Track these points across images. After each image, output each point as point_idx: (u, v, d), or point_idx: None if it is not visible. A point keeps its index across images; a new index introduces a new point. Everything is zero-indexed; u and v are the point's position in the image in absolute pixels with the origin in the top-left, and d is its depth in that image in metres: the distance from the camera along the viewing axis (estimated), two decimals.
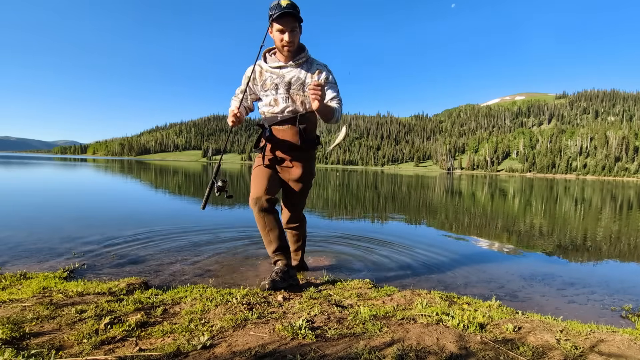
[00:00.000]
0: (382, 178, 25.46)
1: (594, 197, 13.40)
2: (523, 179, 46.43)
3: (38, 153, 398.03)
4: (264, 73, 2.12)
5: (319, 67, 2.06)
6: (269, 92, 2.11)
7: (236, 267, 2.62)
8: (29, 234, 3.39)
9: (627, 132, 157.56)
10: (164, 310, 1.52)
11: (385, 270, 2.76)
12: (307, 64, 2.08)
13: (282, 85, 2.07)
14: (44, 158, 65.43)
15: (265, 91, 2.13)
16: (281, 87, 2.07)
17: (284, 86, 2.06)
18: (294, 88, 2.06)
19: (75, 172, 16.93)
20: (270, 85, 2.10)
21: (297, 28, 1.95)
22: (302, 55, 2.04)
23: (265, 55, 2.15)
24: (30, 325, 1.29)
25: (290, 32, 1.92)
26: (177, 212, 5.35)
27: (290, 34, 1.92)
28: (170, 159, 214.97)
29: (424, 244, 3.71)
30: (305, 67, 2.06)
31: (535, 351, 1.20)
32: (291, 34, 1.92)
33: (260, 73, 2.13)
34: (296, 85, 2.05)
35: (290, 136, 2.14)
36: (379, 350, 1.16)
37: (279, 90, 2.08)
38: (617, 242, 4.43)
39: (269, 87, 2.10)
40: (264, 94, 2.15)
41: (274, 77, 2.08)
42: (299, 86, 2.05)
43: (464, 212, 7.09)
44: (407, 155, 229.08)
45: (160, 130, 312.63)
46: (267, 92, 2.12)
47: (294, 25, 1.92)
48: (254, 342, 1.20)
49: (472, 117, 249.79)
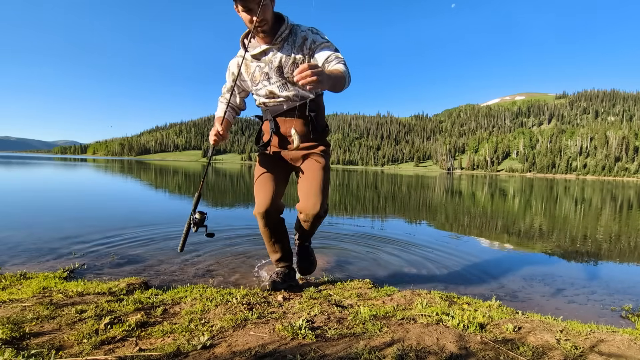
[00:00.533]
0: (382, 178, 25.46)
1: (594, 197, 13.40)
2: (523, 179, 46.43)
3: (38, 153, 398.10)
4: (249, 64, 1.82)
5: (304, 33, 1.71)
6: (260, 85, 1.83)
7: (236, 267, 2.62)
8: (29, 234, 3.39)
9: (627, 132, 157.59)
10: (164, 310, 1.52)
11: (385, 270, 2.76)
12: (292, 36, 1.73)
13: (273, 73, 1.76)
14: (44, 158, 65.42)
15: (256, 84, 1.85)
16: (273, 75, 1.77)
17: (275, 73, 1.76)
18: (287, 71, 1.75)
19: (75, 172, 16.92)
20: (260, 77, 1.81)
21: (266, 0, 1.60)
22: (282, 29, 1.70)
23: (244, 42, 1.79)
24: (30, 325, 1.29)
25: (258, 7, 1.56)
26: (177, 212, 5.35)
27: (259, 10, 1.56)
28: (170, 159, 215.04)
29: (424, 244, 3.71)
30: (290, 40, 1.72)
31: (535, 351, 1.20)
32: (260, 10, 1.56)
33: (246, 65, 1.84)
34: (288, 66, 1.74)
35: (299, 126, 1.86)
36: (379, 350, 1.16)
37: (272, 79, 1.78)
38: (617, 242, 4.43)
39: (259, 78, 1.82)
40: (256, 87, 1.86)
41: (261, 66, 1.78)
42: (292, 66, 1.74)
43: (464, 212, 7.09)
44: (407, 155, 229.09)
45: (160, 130, 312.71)
46: (258, 85, 1.84)
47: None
48: (254, 342, 1.20)
49: (472, 117, 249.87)
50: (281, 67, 1.75)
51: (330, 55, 1.61)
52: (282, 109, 1.85)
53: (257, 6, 1.56)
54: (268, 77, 1.79)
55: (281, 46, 1.73)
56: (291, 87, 1.80)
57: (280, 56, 1.73)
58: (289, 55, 1.72)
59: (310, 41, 1.69)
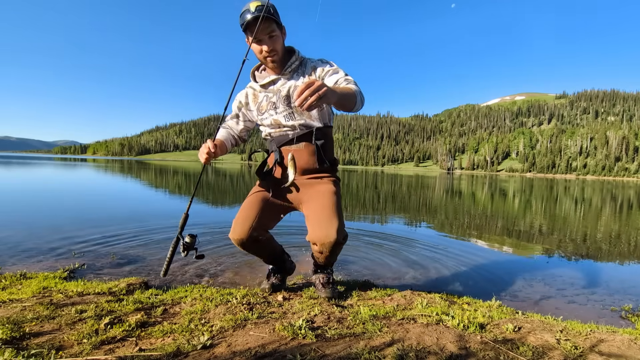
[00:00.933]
0: (382, 178, 25.46)
1: (594, 197, 13.40)
2: (523, 179, 46.42)
3: (38, 153, 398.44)
4: (258, 94, 1.80)
5: (314, 64, 1.72)
6: (266, 114, 1.78)
7: (236, 267, 2.62)
8: (29, 234, 3.39)
9: (627, 132, 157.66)
10: (164, 310, 1.52)
11: (385, 270, 2.76)
12: (302, 67, 1.74)
13: (280, 102, 1.73)
14: (44, 158, 65.41)
15: (262, 114, 1.79)
16: (280, 104, 1.73)
17: (282, 102, 1.73)
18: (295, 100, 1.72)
19: (75, 172, 16.92)
20: (267, 106, 1.77)
21: (277, 31, 1.62)
22: (292, 60, 1.71)
23: (255, 74, 1.84)
24: (30, 325, 1.29)
25: (269, 39, 1.60)
26: (177, 212, 5.35)
27: (269, 41, 1.60)
28: (170, 159, 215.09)
29: (424, 244, 3.71)
30: (300, 71, 1.73)
31: (535, 351, 1.21)
32: (270, 41, 1.60)
33: (254, 95, 1.81)
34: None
35: (305, 157, 1.75)
36: (379, 350, 1.16)
37: (279, 109, 1.74)
38: (617, 242, 4.43)
39: (265, 108, 1.77)
40: (262, 117, 1.80)
41: (269, 96, 1.75)
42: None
43: (464, 212, 7.09)
44: (407, 155, 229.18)
45: (160, 130, 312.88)
46: (264, 115, 1.79)
47: (270, 29, 1.59)
48: (254, 342, 1.20)
49: (472, 117, 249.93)
50: (289, 96, 1.72)
51: (339, 79, 1.60)
52: (287, 138, 1.77)
53: (268, 37, 1.60)
54: (275, 106, 1.75)
55: (290, 76, 1.73)
56: (298, 117, 1.74)
57: (289, 85, 1.71)
58: (297, 84, 1.69)
59: (319, 70, 1.69)
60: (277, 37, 1.62)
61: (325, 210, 1.66)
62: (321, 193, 1.74)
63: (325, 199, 1.71)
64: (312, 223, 1.68)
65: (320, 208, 1.68)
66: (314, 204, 1.72)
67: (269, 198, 1.80)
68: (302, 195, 1.79)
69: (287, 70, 1.71)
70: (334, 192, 1.75)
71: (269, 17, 1.54)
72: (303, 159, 1.75)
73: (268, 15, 1.54)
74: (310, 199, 1.75)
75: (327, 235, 1.60)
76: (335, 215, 1.65)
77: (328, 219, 1.63)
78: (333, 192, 1.74)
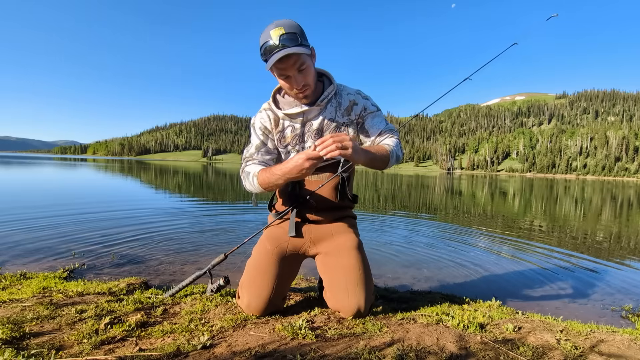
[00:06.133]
0: (382, 178, 25.46)
1: (594, 197, 13.40)
2: (523, 179, 46.43)
3: (38, 153, 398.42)
4: (279, 122, 1.53)
5: (353, 97, 1.52)
6: (290, 146, 1.54)
7: (236, 266, 2.62)
8: (28, 234, 3.39)
9: (627, 132, 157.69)
10: (164, 310, 1.52)
11: (385, 270, 2.76)
12: (337, 97, 1.51)
13: (310, 136, 1.51)
14: (44, 158, 65.42)
15: (285, 146, 1.55)
16: (309, 139, 1.52)
17: (313, 136, 1.51)
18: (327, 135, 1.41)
19: (75, 172, 16.92)
20: (292, 139, 1.53)
21: (308, 61, 1.33)
22: (330, 89, 1.48)
23: (276, 98, 1.55)
24: (30, 325, 1.29)
25: (298, 73, 1.33)
26: (177, 212, 5.35)
27: (300, 76, 1.33)
28: (170, 159, 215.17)
29: (424, 244, 3.71)
30: (335, 102, 1.50)
31: (536, 351, 1.20)
32: (301, 75, 1.33)
33: (275, 122, 1.53)
34: (330, 130, 1.51)
35: (327, 190, 1.54)
36: (379, 350, 1.16)
37: (307, 143, 1.52)
38: (617, 242, 4.43)
39: (289, 140, 1.53)
40: (284, 149, 1.56)
41: (295, 127, 1.51)
42: (334, 130, 1.51)
43: (464, 212, 7.09)
44: (407, 155, 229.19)
45: (160, 130, 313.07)
46: (287, 148, 1.55)
47: (300, 62, 1.30)
48: (254, 342, 1.20)
49: (472, 117, 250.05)
50: (321, 130, 1.51)
51: (384, 130, 1.51)
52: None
53: (297, 71, 1.32)
54: (302, 140, 1.53)
55: (324, 107, 1.50)
56: None
57: (322, 118, 1.50)
58: (332, 118, 1.50)
59: (360, 107, 1.52)
60: (309, 68, 1.34)
61: (352, 276, 1.42)
62: (344, 250, 1.47)
63: (351, 258, 1.45)
64: (333, 289, 1.45)
65: (343, 272, 1.43)
66: (334, 263, 1.47)
67: (285, 253, 1.51)
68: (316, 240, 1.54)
69: (322, 101, 1.47)
70: (357, 246, 1.49)
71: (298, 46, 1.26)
72: (325, 192, 1.54)
73: (296, 46, 1.25)
74: (329, 255, 1.50)
75: (352, 308, 1.40)
76: (362, 281, 1.42)
77: (353, 287, 1.41)
78: (356, 246, 1.48)
